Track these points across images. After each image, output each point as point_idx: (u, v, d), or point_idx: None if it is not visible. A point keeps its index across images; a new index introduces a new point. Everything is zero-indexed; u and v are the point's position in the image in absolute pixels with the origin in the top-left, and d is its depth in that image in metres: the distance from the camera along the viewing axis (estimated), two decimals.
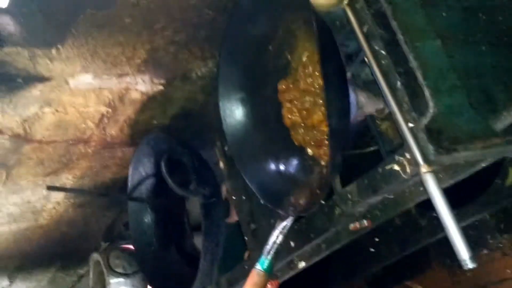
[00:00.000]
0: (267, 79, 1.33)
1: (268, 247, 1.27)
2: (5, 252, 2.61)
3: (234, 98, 1.40)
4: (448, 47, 1.07)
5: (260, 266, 1.26)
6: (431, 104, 0.94)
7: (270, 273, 1.27)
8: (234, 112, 1.41)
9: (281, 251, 1.36)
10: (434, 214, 1.85)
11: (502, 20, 1.20)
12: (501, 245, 1.93)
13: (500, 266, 1.94)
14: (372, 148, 1.47)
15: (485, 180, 1.65)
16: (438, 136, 0.96)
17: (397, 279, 2.36)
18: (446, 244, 2.18)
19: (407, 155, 1.01)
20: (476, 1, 1.20)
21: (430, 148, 0.94)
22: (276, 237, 1.27)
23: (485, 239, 1.96)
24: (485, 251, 1.99)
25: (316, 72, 1.18)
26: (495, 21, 1.19)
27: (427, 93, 0.95)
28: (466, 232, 2.04)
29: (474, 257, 0.93)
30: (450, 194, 1.23)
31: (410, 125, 0.98)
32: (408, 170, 1.01)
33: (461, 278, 2.10)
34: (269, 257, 1.26)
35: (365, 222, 1.33)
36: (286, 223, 1.26)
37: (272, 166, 1.35)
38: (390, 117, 1.34)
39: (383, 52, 1.03)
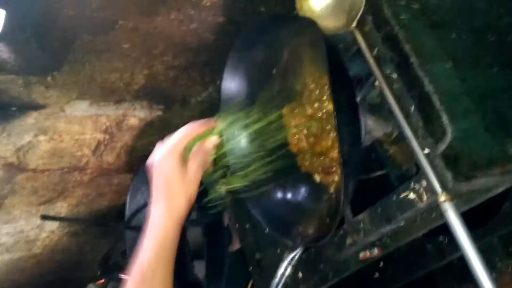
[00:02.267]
0: (271, 104, 1.29)
1: (276, 280, 1.21)
2: None
3: None
4: (459, 69, 1.04)
5: None
6: (449, 129, 0.91)
7: None
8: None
9: (289, 282, 1.31)
10: (441, 239, 1.82)
11: (511, 41, 1.17)
12: (509, 269, 1.88)
13: None
14: (379, 173, 1.42)
15: (494, 204, 1.62)
16: (455, 163, 0.92)
17: None
18: (453, 268, 2.14)
19: (424, 183, 0.96)
20: (484, 22, 1.18)
21: (448, 175, 0.91)
22: (284, 269, 1.21)
23: (494, 262, 1.91)
24: (493, 275, 1.94)
25: (323, 97, 1.14)
26: (505, 41, 1.17)
27: (444, 118, 0.91)
28: None
29: None
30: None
31: (426, 151, 0.94)
32: (424, 198, 0.97)
33: None
34: None
35: (375, 251, 1.28)
36: (295, 254, 1.21)
37: (278, 194, 1.30)
38: (399, 141, 1.31)
39: (394, 75, 0.99)
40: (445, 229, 1.77)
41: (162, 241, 0.95)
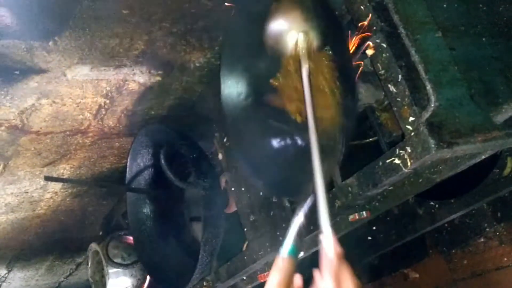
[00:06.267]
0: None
1: (291, 231, 1.21)
2: (3, 242, 2.62)
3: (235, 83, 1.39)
4: (449, 39, 1.06)
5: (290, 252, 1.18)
6: (432, 98, 0.94)
7: (296, 257, 1.21)
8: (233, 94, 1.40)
9: None
10: (432, 204, 1.87)
11: (502, 11, 1.19)
12: (497, 234, 1.95)
13: (497, 254, 1.96)
14: (371, 139, 1.47)
15: (483, 170, 1.66)
16: (439, 130, 0.96)
17: (394, 267, 2.38)
18: (443, 232, 2.21)
19: (408, 149, 1.00)
20: None
21: (431, 142, 0.94)
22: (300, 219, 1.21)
23: (483, 227, 1.97)
24: (482, 239, 2.01)
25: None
26: (496, 12, 1.19)
27: (428, 87, 0.95)
28: (464, 221, 2.07)
29: None
30: (448, 183, 1.25)
31: (411, 119, 0.98)
32: (409, 164, 1.01)
33: (457, 265, 2.12)
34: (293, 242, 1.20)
35: (364, 214, 1.33)
36: (308, 203, 1.20)
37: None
38: (390, 108, 1.34)
39: (384, 45, 1.02)
40: (436, 194, 1.82)
41: None
